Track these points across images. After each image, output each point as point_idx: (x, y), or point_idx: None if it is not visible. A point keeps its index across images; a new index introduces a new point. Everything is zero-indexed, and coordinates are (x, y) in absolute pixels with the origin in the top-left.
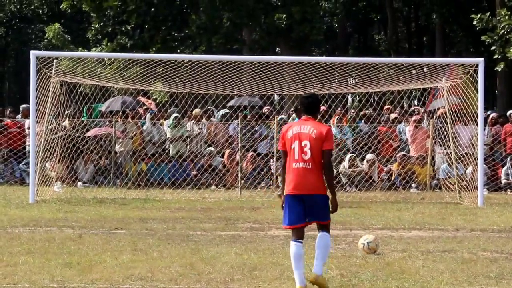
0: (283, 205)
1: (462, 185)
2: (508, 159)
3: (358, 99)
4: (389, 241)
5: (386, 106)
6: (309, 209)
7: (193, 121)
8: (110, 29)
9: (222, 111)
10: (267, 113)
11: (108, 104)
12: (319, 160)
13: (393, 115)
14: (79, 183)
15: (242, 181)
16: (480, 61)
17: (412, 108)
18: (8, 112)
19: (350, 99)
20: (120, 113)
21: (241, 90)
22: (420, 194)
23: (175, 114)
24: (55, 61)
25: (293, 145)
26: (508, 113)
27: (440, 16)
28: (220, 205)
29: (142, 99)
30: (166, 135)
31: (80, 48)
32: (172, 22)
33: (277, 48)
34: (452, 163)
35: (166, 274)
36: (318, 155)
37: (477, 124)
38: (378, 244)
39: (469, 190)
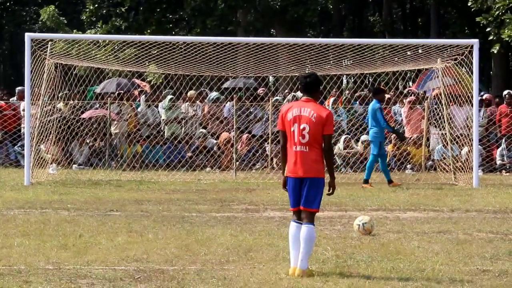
0: (285, 185)
1: (457, 166)
2: (503, 140)
3: (353, 80)
4: (384, 222)
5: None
6: (303, 193)
7: (187, 103)
8: (104, 11)
9: (213, 94)
10: (262, 94)
11: (103, 86)
12: (318, 144)
13: (386, 96)
14: (74, 165)
15: (237, 163)
16: (475, 42)
17: (408, 89)
18: (2, 94)
19: (345, 81)
20: (115, 95)
21: (236, 72)
22: (415, 175)
23: (170, 96)
24: (50, 43)
25: (293, 128)
26: (503, 94)
27: None
28: (215, 186)
29: (137, 81)
30: (160, 117)
31: (74, 30)
32: (167, 4)
33: (272, 30)
34: (447, 144)
35: (162, 256)
36: (317, 139)
37: (472, 105)
38: (374, 225)
39: (464, 171)
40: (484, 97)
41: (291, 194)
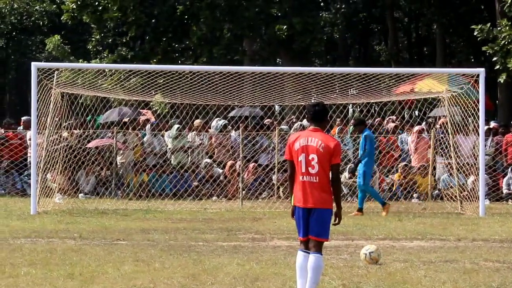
0: (293, 215)
1: (463, 195)
2: (510, 169)
3: (359, 109)
4: (391, 251)
5: (378, 118)
6: (312, 223)
7: (194, 132)
8: (110, 40)
9: (221, 122)
10: (268, 124)
11: (107, 115)
12: (327, 174)
13: (391, 125)
14: (81, 194)
15: (244, 192)
16: (481, 71)
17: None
18: (9, 123)
19: (351, 110)
20: (122, 124)
21: (242, 101)
22: (421, 204)
23: (177, 125)
24: (56, 72)
25: (300, 158)
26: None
27: (440, 26)
28: (221, 215)
29: (143, 111)
30: (167, 146)
31: (80, 60)
32: (173, 33)
33: (278, 59)
34: (453, 173)
35: (168, 285)
36: (325, 169)
37: (478, 134)
38: (380, 254)
39: (470, 200)
40: (491, 125)
41: (300, 224)
